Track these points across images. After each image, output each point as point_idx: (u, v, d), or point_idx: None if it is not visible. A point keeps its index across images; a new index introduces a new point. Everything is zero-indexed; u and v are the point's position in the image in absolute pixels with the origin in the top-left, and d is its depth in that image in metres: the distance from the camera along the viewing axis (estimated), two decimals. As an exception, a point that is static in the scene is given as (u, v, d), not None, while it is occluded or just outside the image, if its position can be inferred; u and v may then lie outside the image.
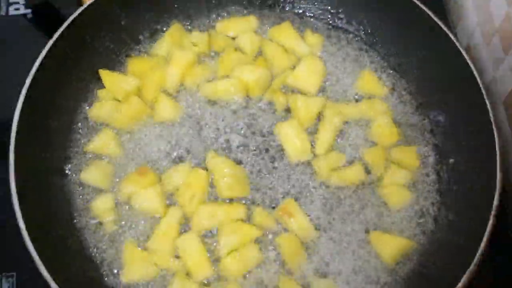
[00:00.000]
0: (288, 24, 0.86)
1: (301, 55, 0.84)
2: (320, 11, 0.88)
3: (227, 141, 0.78)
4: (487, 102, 0.70)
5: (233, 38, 0.86)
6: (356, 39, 0.87)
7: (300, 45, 0.85)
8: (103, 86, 0.81)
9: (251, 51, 0.84)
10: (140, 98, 0.80)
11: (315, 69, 0.82)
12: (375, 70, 0.85)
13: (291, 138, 0.77)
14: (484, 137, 0.69)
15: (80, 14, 0.76)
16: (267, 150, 0.78)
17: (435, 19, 0.77)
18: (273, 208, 0.74)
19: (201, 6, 0.88)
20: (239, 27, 0.87)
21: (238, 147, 0.78)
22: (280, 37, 0.85)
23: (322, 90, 0.82)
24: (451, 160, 0.77)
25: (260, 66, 0.82)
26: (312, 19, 0.89)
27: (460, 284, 0.61)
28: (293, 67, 0.83)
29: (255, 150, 0.78)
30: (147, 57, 0.85)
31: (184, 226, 0.73)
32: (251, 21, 0.87)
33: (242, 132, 0.79)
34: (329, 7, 0.88)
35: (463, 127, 0.76)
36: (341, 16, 0.88)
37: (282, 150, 0.78)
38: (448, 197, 0.75)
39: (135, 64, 0.83)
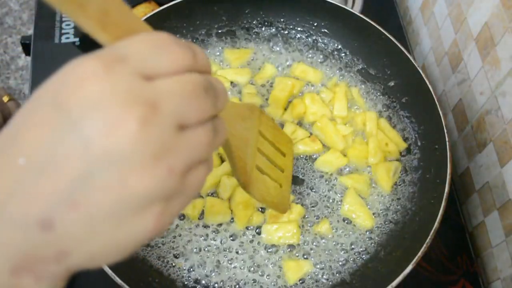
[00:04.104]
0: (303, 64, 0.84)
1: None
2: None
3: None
4: (440, 110, 0.69)
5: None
6: (352, 67, 0.86)
7: (312, 76, 0.83)
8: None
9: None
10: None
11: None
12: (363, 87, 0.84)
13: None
14: (438, 138, 0.69)
15: (117, 41, 0.75)
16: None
17: (398, 44, 0.76)
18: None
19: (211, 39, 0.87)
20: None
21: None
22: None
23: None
24: (412, 157, 0.76)
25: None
26: (313, 63, 0.88)
27: (424, 245, 0.61)
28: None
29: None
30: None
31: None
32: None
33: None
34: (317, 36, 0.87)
35: (421, 130, 0.76)
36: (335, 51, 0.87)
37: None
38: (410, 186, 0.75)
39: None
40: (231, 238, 0.69)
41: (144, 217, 0.28)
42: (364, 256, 0.69)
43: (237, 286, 0.67)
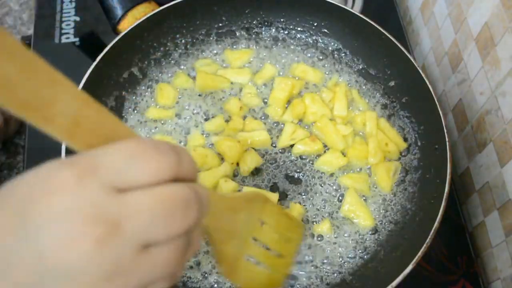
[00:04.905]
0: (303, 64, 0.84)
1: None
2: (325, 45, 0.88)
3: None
4: (440, 110, 0.69)
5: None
6: (349, 64, 0.86)
7: (312, 76, 0.83)
8: (133, 94, 0.80)
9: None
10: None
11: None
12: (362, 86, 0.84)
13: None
14: (438, 138, 0.69)
15: (117, 42, 0.75)
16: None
17: (398, 44, 0.76)
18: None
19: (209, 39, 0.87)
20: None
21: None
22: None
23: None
24: (412, 157, 0.76)
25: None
26: (317, 61, 0.87)
27: (424, 245, 0.61)
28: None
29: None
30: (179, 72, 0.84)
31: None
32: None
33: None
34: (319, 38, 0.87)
35: (421, 130, 0.76)
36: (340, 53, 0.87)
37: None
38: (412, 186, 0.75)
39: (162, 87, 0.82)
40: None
41: None
42: (364, 256, 0.69)
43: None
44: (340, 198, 0.73)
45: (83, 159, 0.27)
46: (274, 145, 0.77)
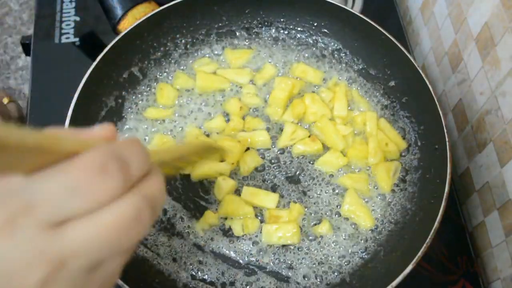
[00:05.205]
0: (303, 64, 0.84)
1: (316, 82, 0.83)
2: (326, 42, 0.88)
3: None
4: (440, 110, 0.69)
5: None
6: (349, 67, 0.86)
7: (312, 76, 0.83)
8: (133, 94, 0.80)
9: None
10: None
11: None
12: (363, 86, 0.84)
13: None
14: (438, 138, 0.69)
15: (117, 42, 0.75)
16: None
17: (398, 44, 0.76)
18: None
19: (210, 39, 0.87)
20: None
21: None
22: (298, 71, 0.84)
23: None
24: (412, 157, 0.76)
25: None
26: (314, 59, 0.87)
27: (424, 245, 0.61)
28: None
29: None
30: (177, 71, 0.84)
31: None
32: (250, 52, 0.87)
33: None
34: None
35: (421, 130, 0.76)
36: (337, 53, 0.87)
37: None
38: (411, 186, 0.75)
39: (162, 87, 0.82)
40: (230, 239, 0.69)
41: None
42: (364, 256, 0.69)
43: (235, 286, 0.67)
44: (340, 198, 0.73)
45: (15, 197, 0.25)
46: (274, 145, 0.77)
